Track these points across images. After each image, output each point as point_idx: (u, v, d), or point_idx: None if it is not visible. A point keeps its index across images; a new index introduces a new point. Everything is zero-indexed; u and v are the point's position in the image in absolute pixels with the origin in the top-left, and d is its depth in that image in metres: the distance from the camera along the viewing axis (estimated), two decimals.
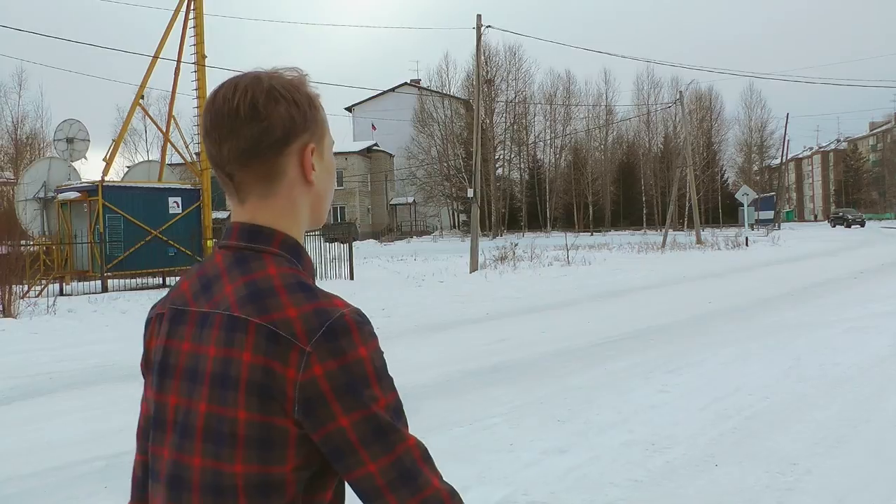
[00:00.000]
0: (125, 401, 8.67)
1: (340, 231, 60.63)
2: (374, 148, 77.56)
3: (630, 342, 11.09)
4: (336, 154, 1.52)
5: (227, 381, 1.20)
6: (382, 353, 1.23)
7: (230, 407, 1.20)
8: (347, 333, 1.18)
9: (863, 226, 72.38)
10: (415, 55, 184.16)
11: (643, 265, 27.63)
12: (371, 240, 64.16)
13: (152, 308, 1.41)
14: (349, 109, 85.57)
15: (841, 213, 79.24)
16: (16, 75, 62.85)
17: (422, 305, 17.06)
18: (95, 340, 13.46)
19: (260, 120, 1.25)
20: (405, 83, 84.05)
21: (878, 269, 23.28)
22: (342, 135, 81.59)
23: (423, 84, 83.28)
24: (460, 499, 1.24)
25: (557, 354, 10.29)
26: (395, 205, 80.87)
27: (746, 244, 37.16)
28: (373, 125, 78.48)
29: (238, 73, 1.31)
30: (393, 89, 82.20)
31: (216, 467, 1.21)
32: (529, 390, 8.02)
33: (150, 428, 1.33)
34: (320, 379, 1.15)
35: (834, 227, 75.08)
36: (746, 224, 40.94)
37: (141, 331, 1.48)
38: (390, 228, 76.37)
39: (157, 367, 1.32)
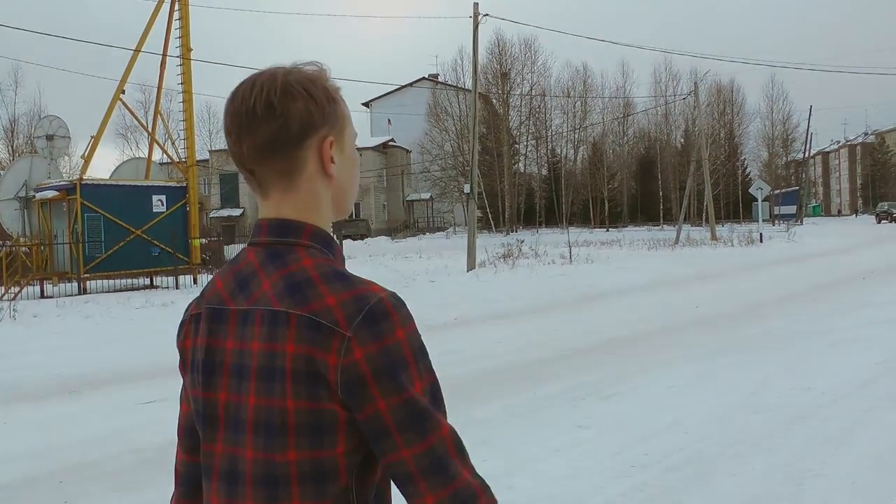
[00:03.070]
0: None
1: (353, 228, 59.83)
2: (391, 143, 76.42)
3: (583, 357, 9.76)
4: None
5: (273, 374, 1.19)
6: (420, 335, 1.22)
7: (277, 398, 1.18)
8: (386, 317, 1.17)
9: None
10: (434, 50, 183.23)
11: (648, 263, 26.22)
12: (383, 237, 63.14)
13: (186, 311, 1.39)
14: (366, 105, 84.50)
15: (886, 207, 73.16)
16: (11, 73, 62.82)
17: None
18: (31, 350, 12.51)
19: (276, 117, 1.24)
20: (423, 78, 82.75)
21: (890, 268, 21.62)
22: (359, 130, 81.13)
23: (440, 79, 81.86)
24: (492, 494, 1.21)
25: (495, 372, 9.02)
26: (412, 201, 79.60)
27: (761, 240, 35.56)
28: (388, 120, 77.44)
29: (257, 71, 1.31)
30: (410, 84, 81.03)
31: (268, 458, 1.20)
32: None
33: (199, 425, 1.31)
34: (360, 362, 1.15)
35: (879, 222, 69.23)
36: (760, 220, 39.18)
37: (90, 336, 1.94)
38: (406, 225, 75.21)
39: (201, 365, 1.30)
